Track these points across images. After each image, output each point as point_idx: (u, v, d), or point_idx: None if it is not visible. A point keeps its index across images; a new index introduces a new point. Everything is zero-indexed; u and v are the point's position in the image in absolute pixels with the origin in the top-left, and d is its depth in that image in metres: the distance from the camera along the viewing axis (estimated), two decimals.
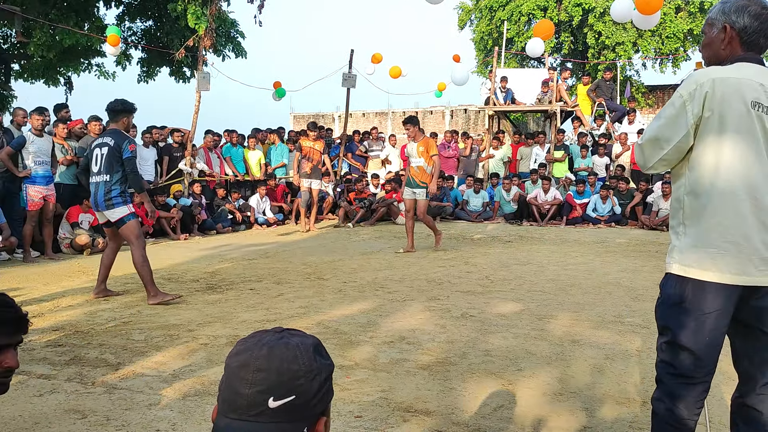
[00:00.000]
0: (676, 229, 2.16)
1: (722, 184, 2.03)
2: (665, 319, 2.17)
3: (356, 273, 7.18)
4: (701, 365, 2.09)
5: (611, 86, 16.35)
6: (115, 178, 5.69)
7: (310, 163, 11.32)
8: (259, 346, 1.12)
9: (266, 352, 1.11)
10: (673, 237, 2.18)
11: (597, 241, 10.24)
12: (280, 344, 1.13)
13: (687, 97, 2.05)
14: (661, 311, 2.20)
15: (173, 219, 10.82)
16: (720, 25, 2.17)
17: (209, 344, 4.28)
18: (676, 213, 2.17)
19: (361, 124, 31.09)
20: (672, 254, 2.16)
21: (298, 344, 1.13)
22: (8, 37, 16.99)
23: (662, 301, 2.19)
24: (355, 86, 15.00)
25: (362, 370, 3.75)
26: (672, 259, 2.15)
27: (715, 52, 2.20)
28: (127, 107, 5.91)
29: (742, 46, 2.14)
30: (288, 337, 1.15)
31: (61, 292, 6.15)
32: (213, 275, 7.05)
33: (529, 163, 14.73)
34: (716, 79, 2.02)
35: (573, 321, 4.92)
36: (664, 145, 2.11)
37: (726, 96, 2.00)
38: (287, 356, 1.11)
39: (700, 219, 2.08)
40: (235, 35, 17.73)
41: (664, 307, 2.17)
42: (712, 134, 2.03)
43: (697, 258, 2.07)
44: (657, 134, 2.13)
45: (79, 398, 3.30)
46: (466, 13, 28.77)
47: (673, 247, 2.16)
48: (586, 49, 25.13)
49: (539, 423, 3.02)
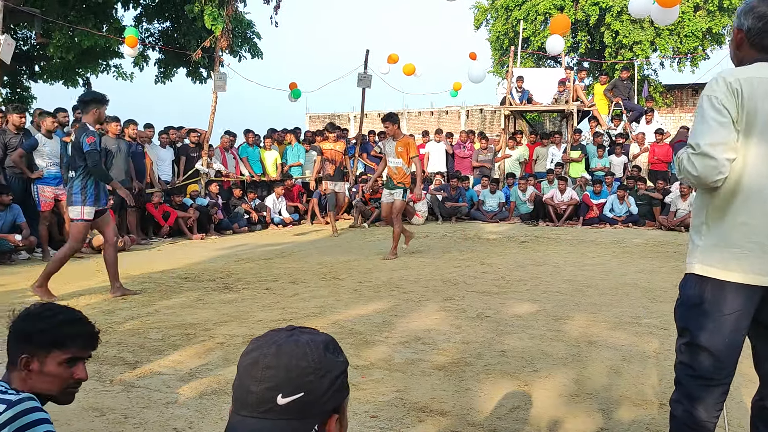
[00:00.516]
0: (699, 229, 2.13)
1: (749, 183, 2.01)
2: (685, 320, 2.14)
3: (371, 273, 7.19)
4: (721, 367, 2.07)
5: (628, 86, 16.22)
6: (78, 174, 5.66)
7: (333, 165, 11.10)
8: (269, 344, 1.13)
9: (275, 350, 1.12)
10: (694, 237, 2.15)
11: (614, 242, 10.17)
12: (290, 341, 1.13)
13: (722, 97, 2.02)
14: (680, 312, 2.18)
15: (190, 219, 10.90)
16: (735, 28, 2.17)
17: (225, 343, 4.31)
18: (699, 212, 2.14)
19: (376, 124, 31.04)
20: (693, 254, 2.13)
21: (308, 341, 1.14)
22: (28, 39, 17.20)
23: (682, 302, 2.17)
24: (371, 86, 15.01)
25: (378, 370, 3.76)
26: (694, 258, 2.12)
27: (734, 54, 2.21)
28: (96, 97, 5.79)
29: (751, 48, 2.13)
30: (298, 335, 1.15)
31: (79, 290, 6.22)
32: (229, 275, 7.09)
33: (545, 163, 14.66)
34: (742, 78, 2.01)
35: (589, 322, 4.89)
36: (726, 149, 2.01)
37: (753, 96, 1.99)
38: (296, 353, 1.11)
39: (724, 218, 2.06)
40: (252, 36, 17.85)
41: (684, 308, 2.15)
42: (741, 134, 2.02)
43: (720, 258, 2.05)
44: (716, 139, 2.01)
45: (97, 396, 3.34)
46: (482, 13, 28.66)
47: (695, 246, 2.13)
48: (603, 49, 24.94)
49: (555, 424, 3.00)
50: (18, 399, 1.64)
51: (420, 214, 13.33)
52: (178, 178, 11.75)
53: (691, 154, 2.05)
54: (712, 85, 2.07)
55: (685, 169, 2.07)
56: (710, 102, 2.04)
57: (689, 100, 27.03)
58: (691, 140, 2.07)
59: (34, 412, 1.66)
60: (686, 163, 2.06)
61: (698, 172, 2.03)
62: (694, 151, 2.04)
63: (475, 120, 32.63)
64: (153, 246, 9.88)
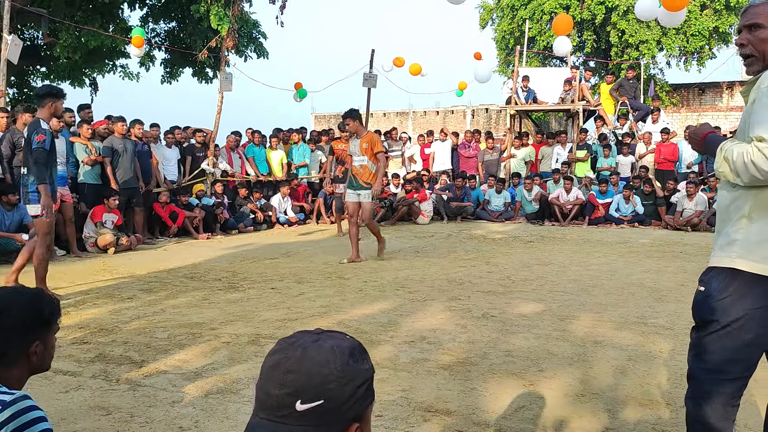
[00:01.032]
0: (737, 223, 2.04)
1: None
2: (711, 312, 2.06)
3: (377, 272, 7.19)
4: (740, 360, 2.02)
5: (634, 85, 16.18)
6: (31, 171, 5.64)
7: (342, 166, 10.81)
8: (294, 347, 1.11)
9: (299, 354, 1.10)
10: (731, 231, 2.06)
11: (620, 242, 10.14)
12: (314, 346, 1.11)
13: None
14: (706, 304, 2.08)
15: (196, 218, 10.93)
16: None
17: (231, 342, 4.32)
18: (740, 205, 2.04)
19: (382, 123, 31.10)
20: (731, 248, 2.04)
21: (332, 347, 1.11)
22: (35, 39, 17.27)
23: (708, 294, 2.08)
24: (376, 86, 15.01)
25: (383, 369, 3.76)
26: (732, 253, 2.03)
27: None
28: (52, 91, 5.73)
29: None
30: (324, 340, 1.13)
31: (86, 290, 6.24)
32: (235, 274, 7.11)
33: (551, 162, 14.63)
34: None
35: (595, 322, 4.88)
36: None
37: None
38: (319, 359, 1.09)
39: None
40: (257, 36, 17.86)
41: (712, 300, 2.06)
42: None
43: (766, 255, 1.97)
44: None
45: (103, 395, 3.35)
46: (487, 12, 28.63)
47: (733, 241, 2.04)
48: (609, 48, 24.89)
49: (561, 424, 3.00)
50: (13, 399, 1.64)
51: (425, 213, 13.33)
52: (184, 177, 11.79)
53: (765, 149, 1.91)
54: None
55: (752, 163, 1.93)
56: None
57: (695, 100, 26.95)
58: (764, 133, 1.92)
59: (31, 411, 1.67)
60: (757, 156, 1.92)
61: None
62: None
63: (481, 119, 32.58)
64: (159, 245, 9.91)
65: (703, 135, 2.24)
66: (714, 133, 2.22)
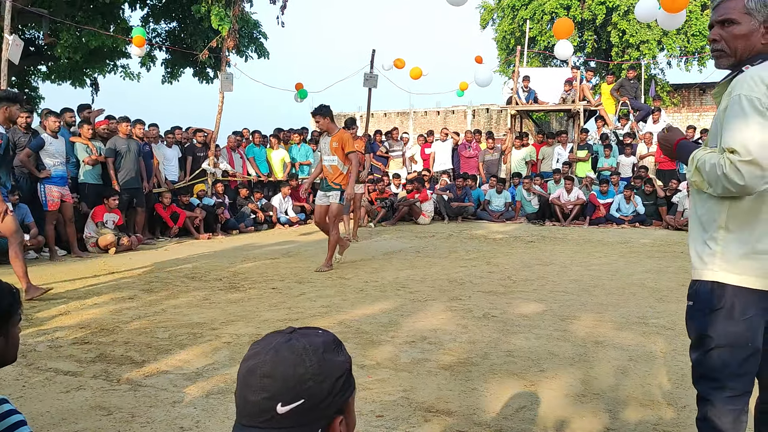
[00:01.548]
0: (714, 234, 2.01)
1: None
2: (704, 327, 2.02)
3: (378, 273, 7.19)
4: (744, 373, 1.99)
5: (635, 85, 16.17)
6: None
7: None
8: (266, 351, 1.10)
9: (271, 357, 1.09)
10: (710, 242, 2.02)
11: (621, 242, 10.14)
12: (286, 347, 1.10)
13: (765, 99, 1.88)
14: (698, 320, 2.05)
15: (197, 219, 10.93)
16: (762, 18, 2.02)
17: (232, 343, 4.32)
18: (717, 215, 2.01)
19: (382, 124, 31.11)
20: (711, 261, 2.00)
21: (305, 346, 1.11)
22: (36, 39, 17.29)
23: (698, 308, 2.04)
24: (377, 86, 15.00)
25: (384, 369, 3.76)
26: (713, 266, 2.00)
27: (753, 45, 2.04)
28: (8, 96, 5.71)
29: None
30: (296, 339, 1.12)
31: (86, 290, 6.24)
32: (236, 274, 7.11)
33: (551, 162, 14.63)
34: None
35: (596, 322, 4.88)
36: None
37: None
38: (292, 360, 1.08)
39: (750, 223, 1.96)
40: (258, 36, 17.87)
41: (701, 314, 2.03)
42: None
43: (747, 265, 1.95)
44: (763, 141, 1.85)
45: (104, 395, 3.35)
46: (488, 12, 28.61)
47: (712, 253, 2.00)
48: (609, 48, 24.87)
49: (562, 424, 3.00)
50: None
51: (426, 213, 13.33)
52: (185, 178, 11.78)
53: (738, 161, 1.85)
54: (749, 84, 1.91)
55: (724, 176, 1.88)
56: (752, 103, 1.88)
57: (696, 100, 26.92)
58: (736, 145, 1.87)
59: (12, 415, 1.66)
60: (729, 169, 1.87)
61: (746, 182, 1.86)
62: (742, 157, 1.85)
63: (482, 120, 32.58)
64: (160, 245, 9.91)
65: (674, 142, 2.20)
66: (685, 140, 2.17)
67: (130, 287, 6.36)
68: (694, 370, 2.10)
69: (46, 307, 5.43)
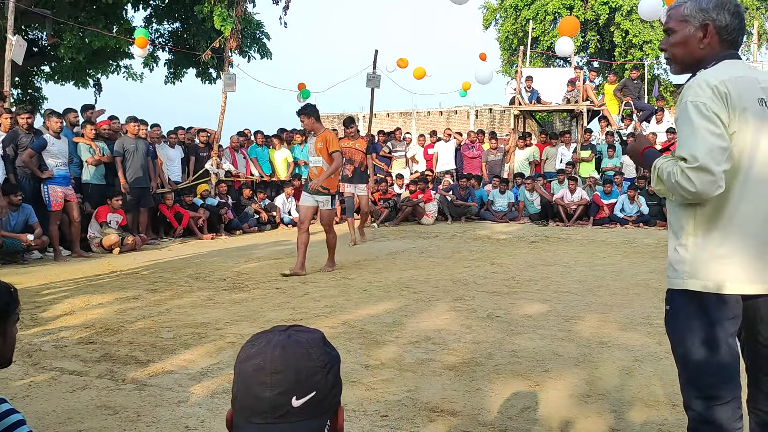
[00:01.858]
0: (683, 241, 2.01)
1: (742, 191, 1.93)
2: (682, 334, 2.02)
3: (381, 273, 7.19)
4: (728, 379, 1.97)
5: (638, 85, 16.15)
6: None
7: (352, 165, 10.01)
8: (271, 347, 1.11)
9: (279, 353, 1.10)
10: (680, 249, 2.02)
11: (625, 242, 10.13)
12: (291, 342, 1.12)
13: (710, 103, 1.89)
14: (675, 325, 2.05)
15: (200, 219, 10.94)
16: (698, 23, 2.04)
17: (236, 342, 4.32)
18: (682, 223, 2.01)
19: (385, 124, 31.12)
20: (681, 269, 2.00)
21: (308, 340, 1.14)
22: (39, 40, 17.32)
23: (674, 313, 2.05)
24: (380, 86, 15.03)
25: (388, 369, 3.76)
26: (683, 273, 2.00)
27: (691, 51, 2.07)
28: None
29: (721, 45, 2.04)
30: (296, 334, 1.14)
31: (91, 290, 6.25)
32: (239, 274, 7.12)
33: (555, 163, 14.62)
34: (727, 80, 1.91)
35: (600, 322, 4.88)
36: (722, 161, 1.88)
37: (742, 96, 1.91)
38: (301, 354, 1.11)
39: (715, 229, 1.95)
40: (261, 36, 17.90)
41: (678, 319, 2.04)
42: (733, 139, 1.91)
43: (715, 271, 1.94)
44: (713, 150, 1.86)
45: (110, 395, 3.36)
46: (491, 13, 28.64)
47: (682, 260, 2.00)
48: (612, 48, 24.87)
49: (566, 425, 2.99)
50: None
51: (430, 214, 13.33)
52: (188, 178, 11.80)
53: (687, 168, 1.87)
54: (695, 90, 1.93)
55: (677, 184, 1.90)
56: (698, 109, 1.90)
57: None
58: (684, 152, 1.90)
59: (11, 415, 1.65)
60: (680, 178, 1.89)
61: (697, 188, 1.87)
62: (690, 164, 1.87)
63: (485, 120, 32.58)
64: (163, 246, 9.92)
65: (640, 150, 2.21)
66: (651, 149, 2.17)
67: (135, 287, 6.37)
68: (680, 378, 2.10)
69: (51, 307, 5.45)
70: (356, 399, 3.25)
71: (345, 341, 4.26)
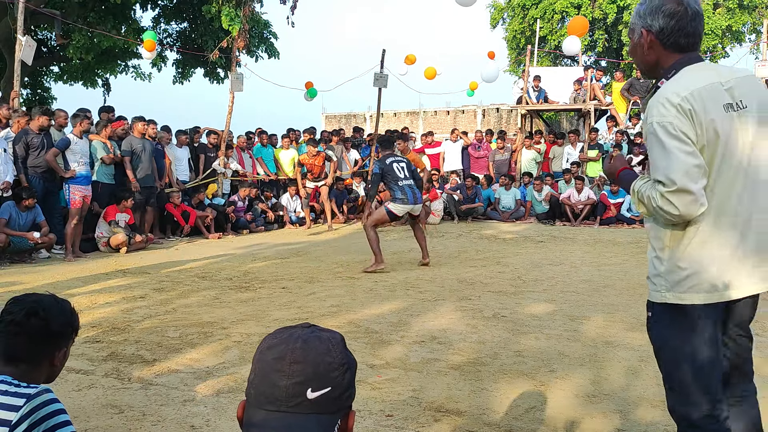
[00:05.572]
0: (659, 254, 2.01)
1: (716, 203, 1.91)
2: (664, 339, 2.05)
3: (387, 272, 7.19)
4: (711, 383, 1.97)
5: (646, 84, 16.08)
6: None
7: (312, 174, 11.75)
8: (293, 339, 1.14)
9: (301, 345, 1.13)
10: (656, 262, 2.03)
11: (632, 242, 10.09)
12: (313, 337, 1.14)
13: (677, 122, 1.87)
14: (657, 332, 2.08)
15: (207, 218, 10.97)
16: (638, 30, 2.03)
17: (242, 342, 4.33)
18: (659, 235, 2.01)
19: (392, 123, 31.10)
20: (659, 282, 2.01)
21: (329, 338, 1.16)
22: (48, 40, 17.42)
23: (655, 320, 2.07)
24: (387, 86, 15.00)
25: (393, 369, 3.76)
26: (660, 287, 2.01)
27: (642, 59, 2.07)
28: None
29: (666, 49, 2.01)
30: (318, 331, 1.17)
31: (98, 289, 6.28)
32: (246, 274, 7.13)
33: (561, 162, 14.57)
34: (688, 95, 1.88)
35: (607, 322, 4.86)
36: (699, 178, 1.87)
37: (706, 109, 1.88)
38: (321, 349, 1.13)
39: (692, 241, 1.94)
40: (268, 36, 17.93)
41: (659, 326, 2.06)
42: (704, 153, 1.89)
43: (690, 283, 1.94)
44: (688, 170, 1.85)
45: (116, 393, 3.37)
46: (498, 12, 28.60)
47: (658, 273, 2.01)
48: (620, 47, 24.77)
49: (572, 425, 2.99)
50: (37, 392, 1.71)
51: (436, 213, 13.31)
52: (196, 177, 11.84)
53: (666, 192, 1.86)
54: (659, 110, 1.90)
55: (659, 208, 1.89)
56: (665, 130, 1.87)
57: None
58: (660, 176, 1.88)
59: (53, 404, 1.74)
60: (661, 202, 1.88)
61: (680, 211, 1.86)
62: (669, 188, 1.86)
63: (492, 119, 32.52)
64: (170, 245, 9.96)
65: (616, 172, 2.21)
66: (627, 170, 2.17)
67: (141, 286, 6.39)
68: (664, 383, 2.11)
69: None
70: (361, 398, 3.25)
71: (350, 340, 4.25)
